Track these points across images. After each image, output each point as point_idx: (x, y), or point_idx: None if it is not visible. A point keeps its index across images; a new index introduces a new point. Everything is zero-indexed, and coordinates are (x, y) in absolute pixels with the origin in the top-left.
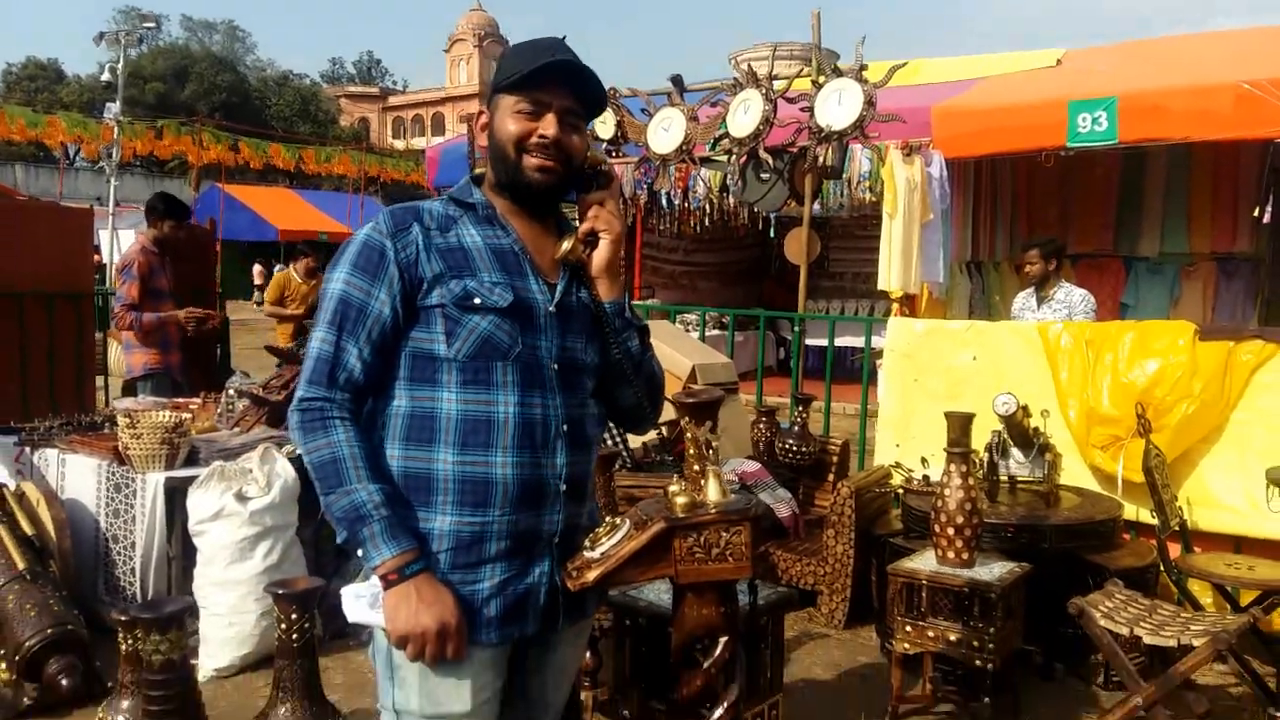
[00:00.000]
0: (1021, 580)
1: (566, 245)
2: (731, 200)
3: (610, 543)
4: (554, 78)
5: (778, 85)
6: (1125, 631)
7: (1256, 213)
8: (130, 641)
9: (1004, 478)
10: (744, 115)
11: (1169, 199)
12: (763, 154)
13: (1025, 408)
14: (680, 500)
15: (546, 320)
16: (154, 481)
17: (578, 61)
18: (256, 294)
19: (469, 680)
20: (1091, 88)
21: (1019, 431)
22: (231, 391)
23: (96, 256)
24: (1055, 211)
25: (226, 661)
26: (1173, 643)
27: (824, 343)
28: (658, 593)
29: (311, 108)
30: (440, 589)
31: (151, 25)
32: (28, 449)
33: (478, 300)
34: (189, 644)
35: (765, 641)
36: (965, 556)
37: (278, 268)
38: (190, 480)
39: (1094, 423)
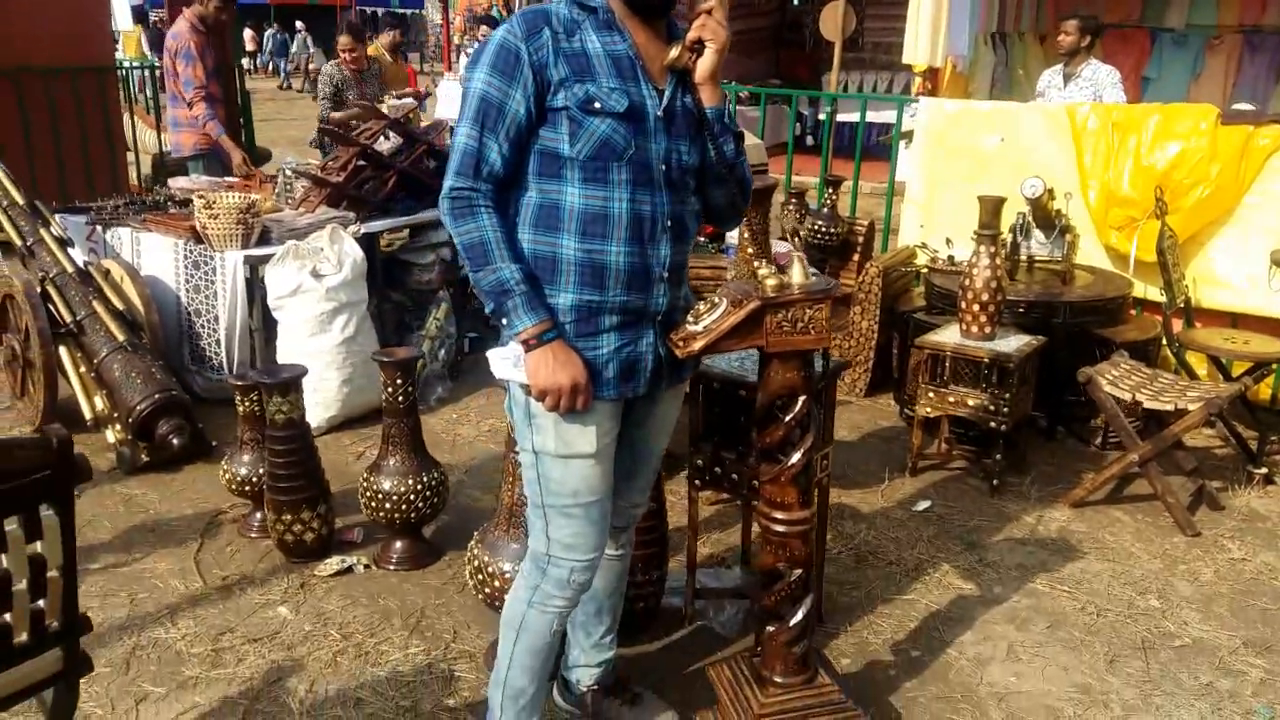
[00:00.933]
0: (1036, 352)
1: (674, 53)
2: None
3: (711, 318)
4: None
5: None
6: (1128, 397)
7: None
8: (248, 404)
9: (1024, 257)
10: None
11: None
12: None
13: (1050, 191)
14: (770, 282)
15: (656, 124)
16: (233, 260)
17: None
18: (247, 60)
19: (594, 426)
20: None
21: (1042, 214)
22: (288, 172)
23: None
24: (1090, 12)
25: (315, 423)
26: (1170, 406)
27: (854, 118)
28: (728, 361)
29: None
30: (571, 352)
31: None
32: (99, 228)
33: (598, 104)
34: (304, 406)
35: (821, 401)
36: (988, 330)
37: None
38: (265, 258)
39: (1112, 204)
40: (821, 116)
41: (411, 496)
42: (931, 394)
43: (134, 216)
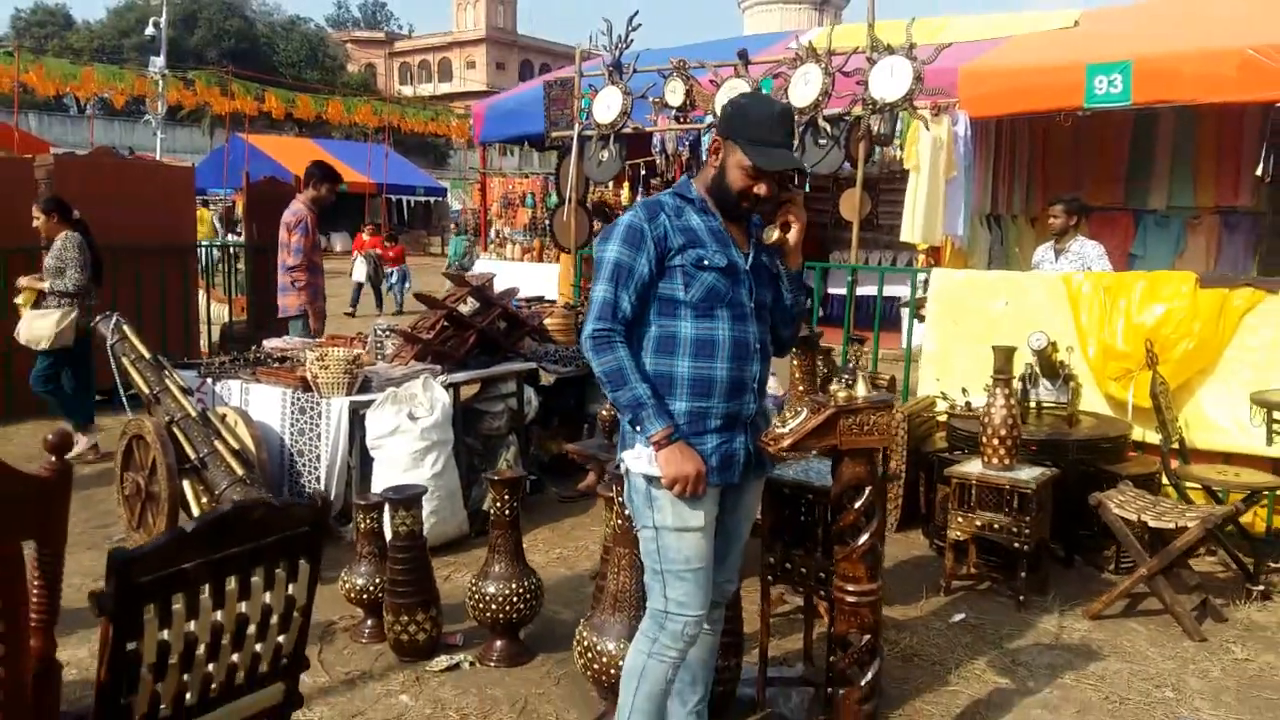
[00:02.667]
0: (1050, 481)
1: (774, 235)
2: None
3: (795, 422)
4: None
5: (836, 61)
6: (1134, 518)
7: (1260, 171)
8: (367, 521)
9: (1033, 404)
10: (804, 87)
11: (1176, 156)
12: (821, 122)
13: (1054, 343)
14: (841, 395)
15: (745, 277)
16: (339, 405)
17: (796, 155)
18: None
19: (702, 508)
20: (1108, 51)
21: (1047, 364)
22: (379, 331)
23: None
24: (1069, 168)
25: None
26: (1171, 524)
27: (846, 292)
28: (795, 471)
29: (319, 54)
30: (691, 449)
31: None
32: (209, 380)
33: (706, 262)
34: (422, 521)
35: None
36: (1007, 462)
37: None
38: (364, 404)
39: (1109, 358)
40: (838, 290)
41: (514, 599)
42: (961, 519)
43: (244, 370)
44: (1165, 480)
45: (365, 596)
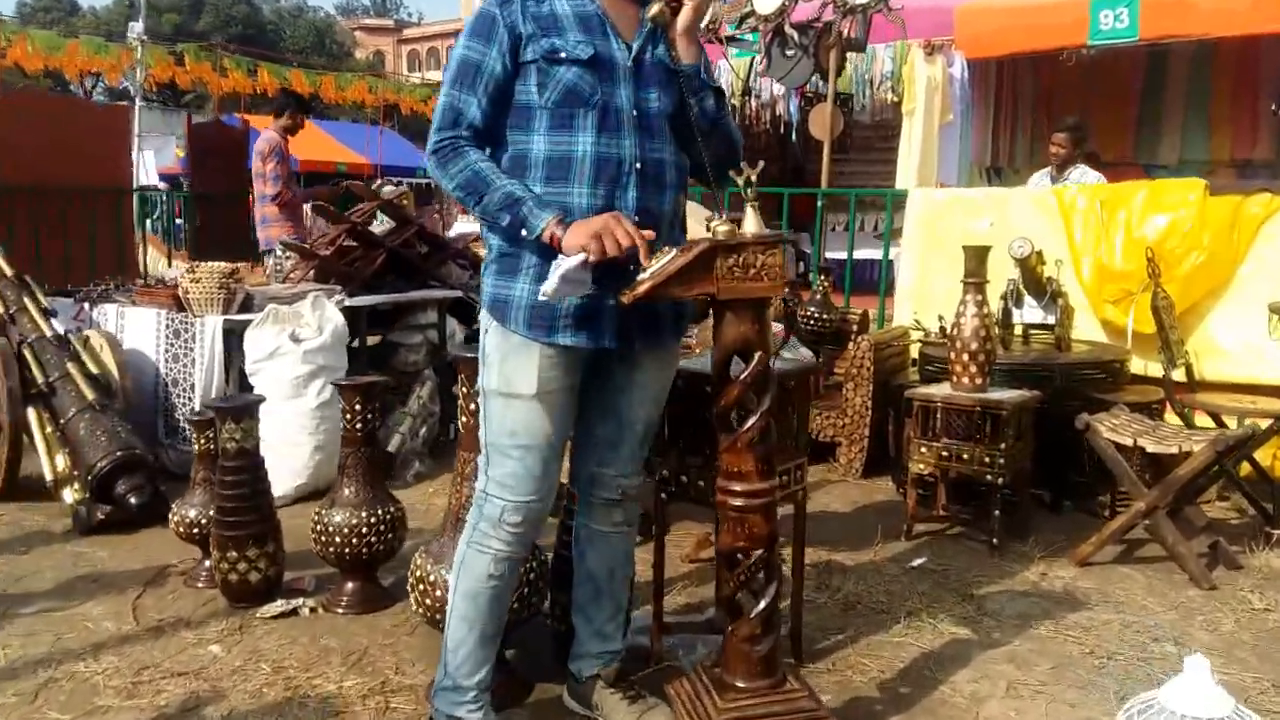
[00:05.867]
0: (1032, 403)
1: (655, 8)
2: (753, 104)
3: (660, 263)
4: None
5: None
6: (1129, 442)
7: (1274, 108)
8: (204, 441)
9: (1018, 327)
10: None
11: (1190, 103)
12: (788, 29)
13: (1040, 253)
14: (722, 229)
15: (625, 73)
16: (212, 324)
17: None
18: None
19: (535, 368)
20: None
21: (1032, 278)
22: (278, 251)
23: None
24: (1076, 117)
25: (282, 491)
26: (1174, 449)
27: (842, 256)
28: (693, 363)
29: (327, 40)
30: (589, 219)
31: None
32: (86, 305)
33: (562, 54)
34: (259, 437)
35: (792, 405)
36: (979, 381)
37: None
38: (246, 324)
39: (1106, 279)
40: (818, 252)
41: (364, 530)
42: (924, 449)
43: (122, 292)
44: (1170, 409)
45: (197, 531)
